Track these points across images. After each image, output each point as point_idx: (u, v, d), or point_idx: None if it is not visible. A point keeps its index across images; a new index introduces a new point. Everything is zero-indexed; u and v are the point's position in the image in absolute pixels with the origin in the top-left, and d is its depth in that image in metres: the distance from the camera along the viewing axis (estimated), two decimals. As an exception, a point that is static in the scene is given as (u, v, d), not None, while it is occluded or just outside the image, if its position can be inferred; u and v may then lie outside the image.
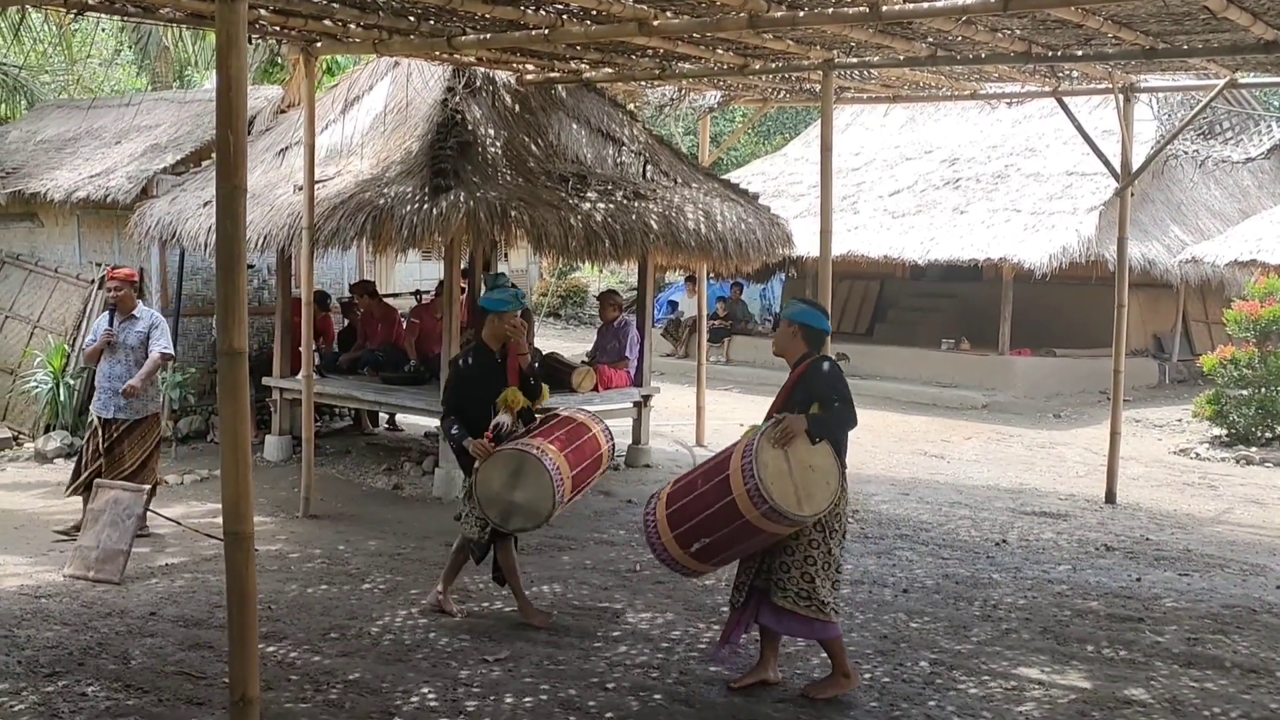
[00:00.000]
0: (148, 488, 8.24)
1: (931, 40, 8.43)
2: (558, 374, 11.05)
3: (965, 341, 17.78)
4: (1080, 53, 8.65)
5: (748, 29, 7.55)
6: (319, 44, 9.17)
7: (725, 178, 13.80)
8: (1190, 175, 18.67)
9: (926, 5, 7.21)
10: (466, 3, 7.43)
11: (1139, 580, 7.79)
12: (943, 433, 13.79)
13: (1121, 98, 10.22)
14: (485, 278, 12.45)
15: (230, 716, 4.17)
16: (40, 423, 11.93)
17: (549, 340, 18.82)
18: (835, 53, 8.98)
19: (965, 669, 6.06)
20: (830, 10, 7.37)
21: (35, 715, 5.30)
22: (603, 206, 9.83)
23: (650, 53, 9.24)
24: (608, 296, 11.97)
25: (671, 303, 21.01)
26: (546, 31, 8.05)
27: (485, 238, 9.61)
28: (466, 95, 10.16)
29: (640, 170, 10.88)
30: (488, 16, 7.85)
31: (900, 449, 12.67)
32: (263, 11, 7.93)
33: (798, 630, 5.73)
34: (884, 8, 7.10)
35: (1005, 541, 8.81)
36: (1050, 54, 8.60)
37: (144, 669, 5.88)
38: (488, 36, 8.49)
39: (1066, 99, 10.62)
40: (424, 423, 12.35)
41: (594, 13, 7.68)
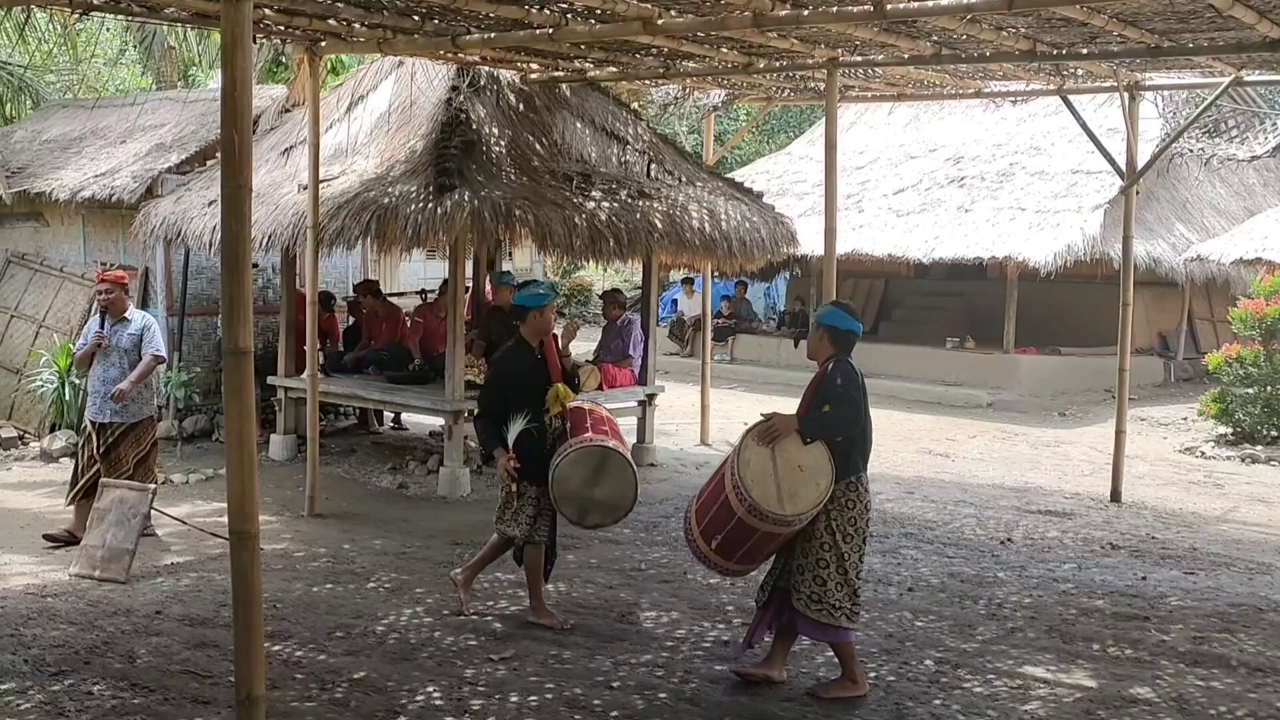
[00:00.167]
0: (153, 487, 8.25)
1: (936, 39, 8.43)
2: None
3: (970, 340, 17.77)
4: (1085, 51, 8.63)
5: (752, 27, 7.55)
6: (323, 43, 9.18)
7: (729, 176, 13.81)
8: (1195, 173, 18.63)
9: (931, 4, 7.21)
10: (471, 2, 7.44)
11: (1144, 579, 7.78)
12: (948, 431, 13.78)
13: (1126, 96, 10.20)
14: (489, 276, 12.55)
15: (236, 715, 4.18)
16: (46, 422, 11.95)
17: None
18: (840, 51, 8.98)
19: (970, 668, 6.05)
20: (835, 9, 7.36)
21: (42, 714, 5.31)
22: (607, 205, 9.83)
23: (655, 52, 9.24)
24: (611, 296, 11.96)
25: (674, 301, 21.00)
26: (551, 31, 8.06)
27: (489, 237, 9.63)
28: (471, 94, 10.17)
29: (645, 169, 10.88)
30: (492, 16, 7.85)
31: (905, 447, 12.65)
32: (267, 11, 7.94)
33: (812, 633, 5.74)
34: (888, 6, 7.09)
35: (1010, 540, 8.80)
36: (1055, 52, 8.59)
37: (150, 668, 5.89)
38: (492, 36, 8.50)
39: (1071, 97, 10.61)
40: (429, 422, 12.36)
41: (598, 12, 7.69)
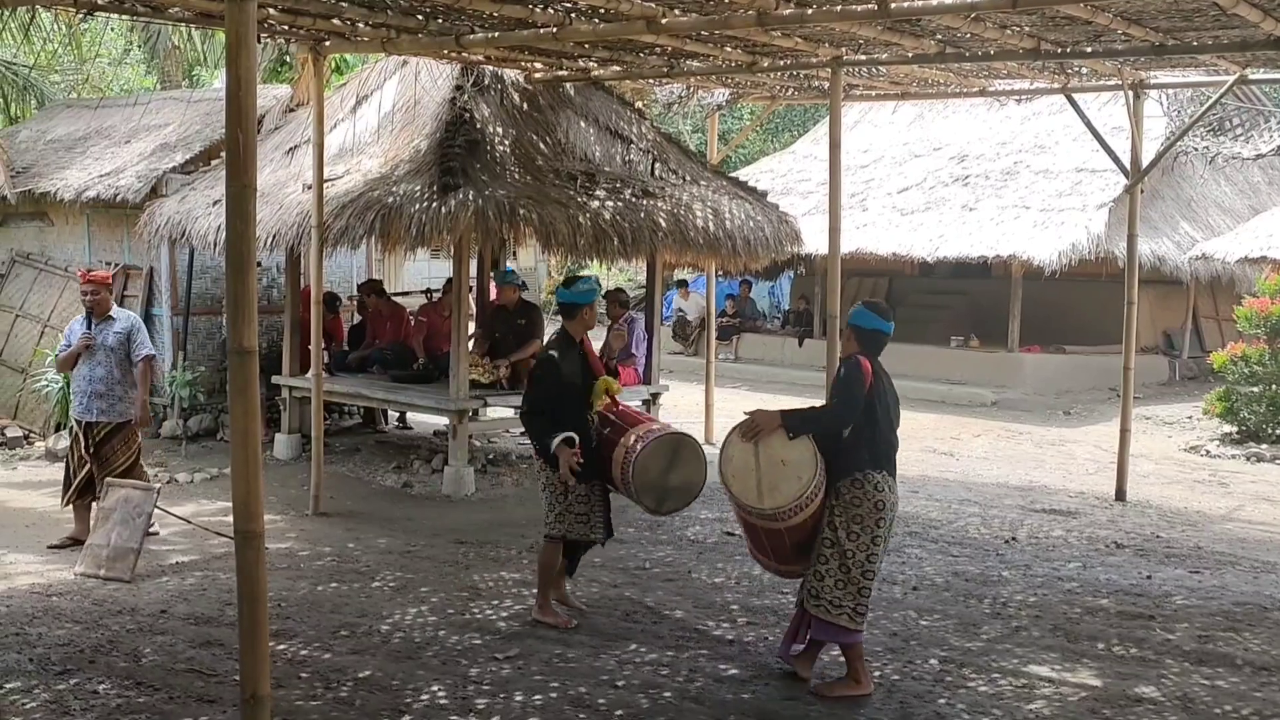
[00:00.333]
0: (157, 486, 8.26)
1: (940, 37, 8.42)
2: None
3: (975, 339, 17.76)
4: (1089, 49, 8.63)
5: (756, 26, 7.55)
6: (328, 43, 9.19)
7: (733, 175, 13.82)
8: (1200, 172, 18.59)
9: (935, 2, 7.21)
10: (475, 1, 7.44)
11: (1149, 578, 7.77)
12: (952, 430, 13.77)
13: (1131, 94, 10.19)
14: (494, 274, 12.56)
15: (241, 714, 4.19)
16: (51, 421, 11.97)
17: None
18: (844, 50, 8.97)
19: (975, 666, 6.05)
20: (839, 7, 7.36)
21: (47, 713, 5.32)
22: (611, 205, 9.83)
23: (658, 51, 9.24)
24: (614, 295, 11.95)
25: (679, 311, 20.94)
26: (555, 30, 8.06)
27: (494, 236, 9.63)
28: (475, 94, 10.17)
29: (649, 168, 10.88)
30: (496, 15, 7.85)
31: (909, 446, 12.60)
32: (272, 11, 7.95)
33: (819, 631, 5.69)
34: (892, 5, 7.09)
35: (1015, 539, 8.80)
36: (1059, 51, 8.58)
37: (155, 666, 5.90)
38: (496, 35, 8.50)
39: (1076, 95, 10.60)
40: (433, 421, 12.36)
41: (602, 11, 7.69)
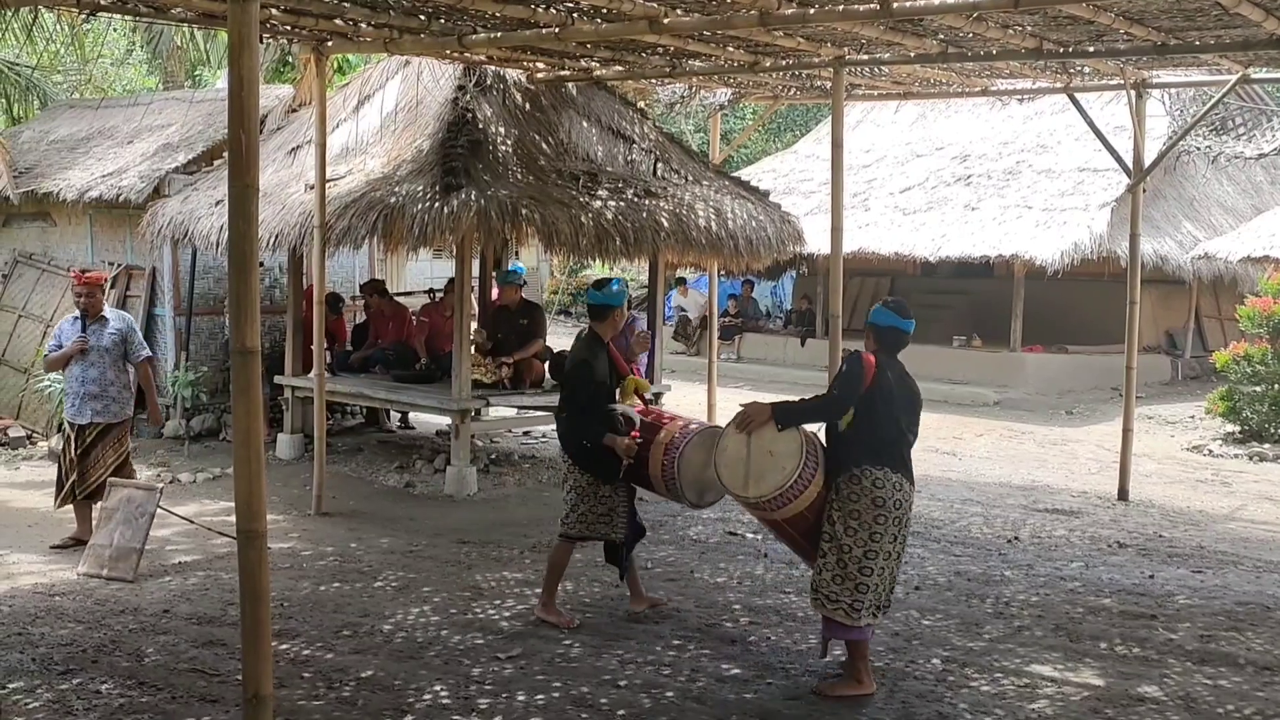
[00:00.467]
0: (161, 486, 8.26)
1: (942, 37, 8.42)
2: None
3: (977, 338, 17.75)
4: (1092, 49, 8.62)
5: (758, 26, 7.55)
6: (330, 43, 9.19)
7: (736, 175, 13.81)
8: (1203, 171, 18.61)
9: (938, 1, 7.20)
10: (477, 1, 7.45)
11: (1152, 577, 7.77)
12: (954, 430, 13.77)
13: (1133, 94, 10.18)
14: (496, 274, 12.55)
15: (243, 714, 4.19)
16: (54, 421, 11.96)
17: (560, 338, 18.74)
18: (846, 50, 8.97)
19: (977, 666, 6.05)
20: (841, 7, 7.36)
21: (50, 712, 5.32)
22: (613, 204, 9.84)
23: (661, 51, 9.24)
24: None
25: (679, 309, 20.95)
26: (557, 30, 8.06)
27: (496, 236, 9.64)
28: (477, 94, 10.18)
29: (651, 168, 10.88)
30: (498, 15, 7.86)
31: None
32: (274, 11, 7.95)
33: (824, 627, 5.74)
34: (894, 4, 7.09)
35: (1017, 539, 8.79)
36: (1061, 50, 8.57)
37: (157, 666, 5.91)
38: (498, 35, 8.50)
39: (1078, 95, 10.59)
40: (435, 420, 12.37)
41: (605, 11, 7.69)
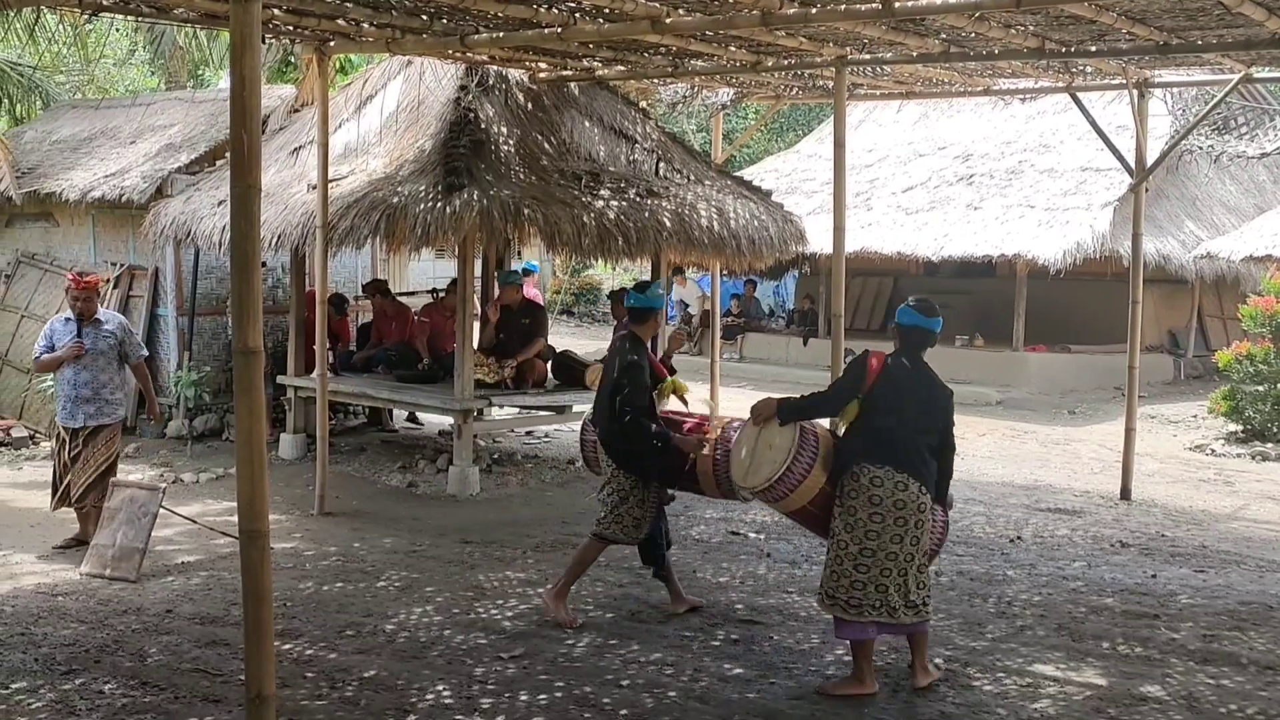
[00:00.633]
0: (163, 486, 8.27)
1: (945, 36, 8.41)
2: (572, 371, 11.08)
3: (979, 338, 17.74)
4: (1094, 48, 8.61)
5: (760, 26, 7.54)
6: (332, 43, 9.19)
7: (738, 175, 13.81)
8: (1205, 170, 18.58)
9: (940, 1, 7.20)
10: (479, 1, 7.44)
11: (1154, 577, 7.76)
12: (957, 429, 13.68)
13: (1136, 93, 10.18)
14: (498, 275, 12.56)
15: (246, 714, 4.19)
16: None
17: (562, 338, 18.81)
18: (848, 49, 8.96)
19: (980, 666, 6.05)
20: (843, 7, 7.35)
21: (53, 713, 5.33)
22: (616, 204, 9.84)
23: (663, 50, 9.23)
24: (617, 295, 11.95)
25: (681, 303, 20.96)
26: (559, 30, 8.06)
27: (498, 236, 9.64)
28: (479, 93, 10.18)
29: (653, 168, 10.88)
30: (500, 15, 7.86)
31: (914, 446, 12.61)
32: (276, 11, 7.95)
33: (834, 628, 5.80)
34: (896, 4, 7.08)
35: (1020, 538, 8.79)
36: (1064, 50, 8.57)
37: (160, 666, 5.91)
38: (500, 35, 8.50)
39: (1080, 94, 10.59)
40: (438, 420, 12.38)
41: (607, 11, 7.69)
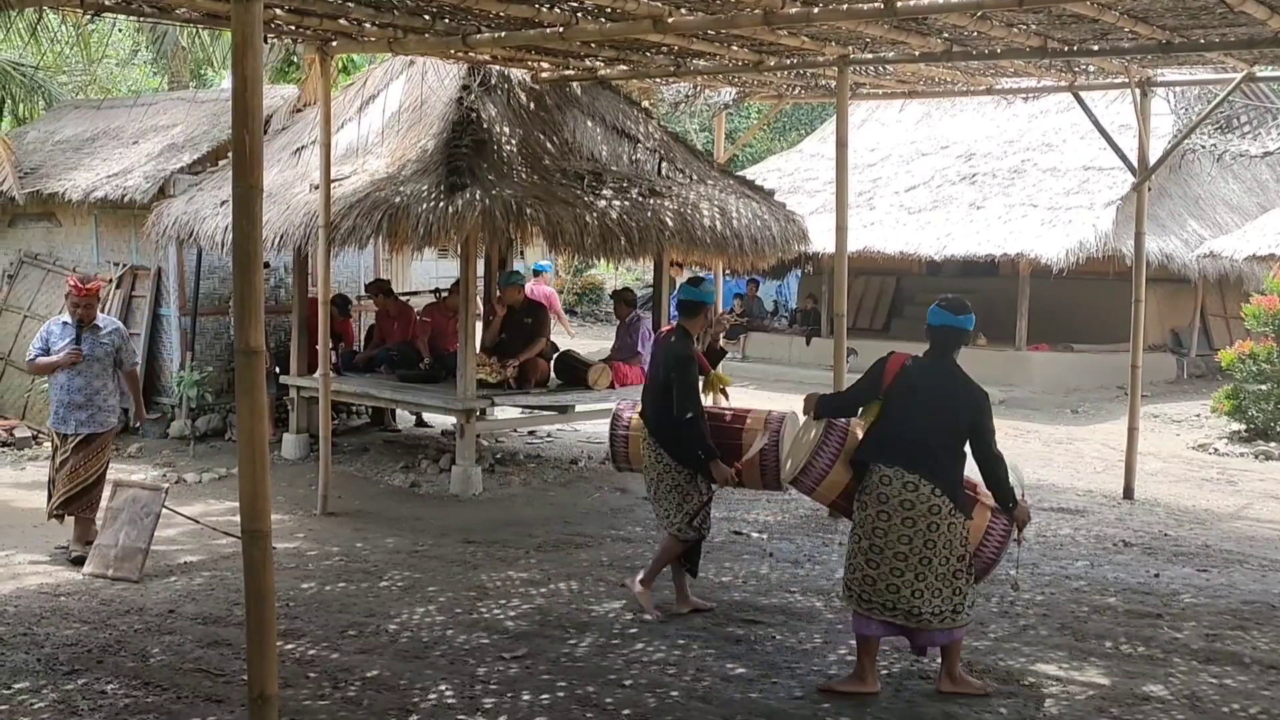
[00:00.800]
0: (166, 486, 8.27)
1: (947, 35, 8.41)
2: (575, 371, 11.08)
3: (982, 337, 17.65)
4: (1096, 47, 8.61)
5: (762, 25, 7.55)
6: (334, 43, 9.20)
7: (740, 174, 13.81)
8: (1208, 170, 18.57)
9: (941, 0, 7.19)
10: (481, 1, 7.44)
11: (1157, 576, 7.76)
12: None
13: (1138, 92, 10.17)
14: (500, 275, 12.56)
15: (249, 713, 4.19)
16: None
17: (563, 338, 18.81)
18: (850, 49, 8.96)
19: (983, 666, 6.05)
20: (845, 6, 7.36)
21: (55, 713, 5.33)
22: (618, 204, 9.84)
23: (665, 50, 9.23)
24: (620, 295, 11.99)
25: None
26: (561, 29, 8.06)
27: (501, 235, 9.64)
28: (481, 93, 10.18)
29: (655, 167, 10.88)
30: (502, 15, 7.86)
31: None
32: (278, 11, 7.96)
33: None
34: (899, 3, 7.09)
35: (1023, 537, 8.76)
36: (1066, 49, 8.56)
37: (163, 666, 5.92)
38: (503, 35, 8.51)
39: (1083, 93, 10.57)
40: (440, 420, 12.38)
41: (609, 10, 7.69)
